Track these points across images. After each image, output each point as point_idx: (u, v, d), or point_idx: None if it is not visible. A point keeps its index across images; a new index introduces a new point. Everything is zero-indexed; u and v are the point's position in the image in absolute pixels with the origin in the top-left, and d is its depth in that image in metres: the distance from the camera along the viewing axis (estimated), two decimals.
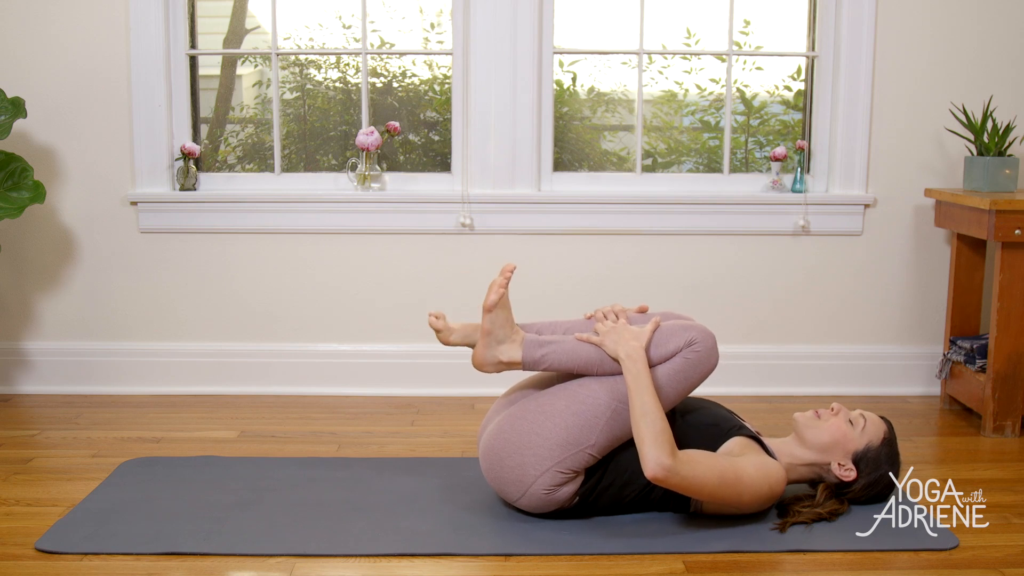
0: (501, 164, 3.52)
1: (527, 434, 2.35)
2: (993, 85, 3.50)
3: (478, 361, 2.46)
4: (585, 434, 2.32)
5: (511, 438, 2.37)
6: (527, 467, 2.34)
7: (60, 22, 3.43)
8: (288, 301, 3.59)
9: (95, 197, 3.53)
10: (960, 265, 3.44)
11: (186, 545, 2.28)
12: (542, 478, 2.33)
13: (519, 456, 2.35)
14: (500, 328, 2.42)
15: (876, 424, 2.48)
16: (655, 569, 2.21)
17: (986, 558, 2.28)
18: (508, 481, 2.38)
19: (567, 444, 2.32)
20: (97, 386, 3.58)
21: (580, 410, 2.34)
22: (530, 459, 2.33)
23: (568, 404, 2.35)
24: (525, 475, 2.34)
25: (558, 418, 2.34)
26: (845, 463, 2.44)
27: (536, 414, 2.37)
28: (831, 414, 2.47)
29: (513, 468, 2.36)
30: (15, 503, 2.55)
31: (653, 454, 2.22)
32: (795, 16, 3.64)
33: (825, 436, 2.44)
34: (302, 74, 3.74)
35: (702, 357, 2.37)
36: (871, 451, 2.44)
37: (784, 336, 3.63)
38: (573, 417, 2.33)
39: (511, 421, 2.40)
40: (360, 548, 2.29)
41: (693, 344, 2.36)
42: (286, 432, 3.16)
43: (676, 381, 2.36)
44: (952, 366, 3.43)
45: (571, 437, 2.32)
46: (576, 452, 2.32)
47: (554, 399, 2.38)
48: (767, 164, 3.71)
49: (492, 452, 2.41)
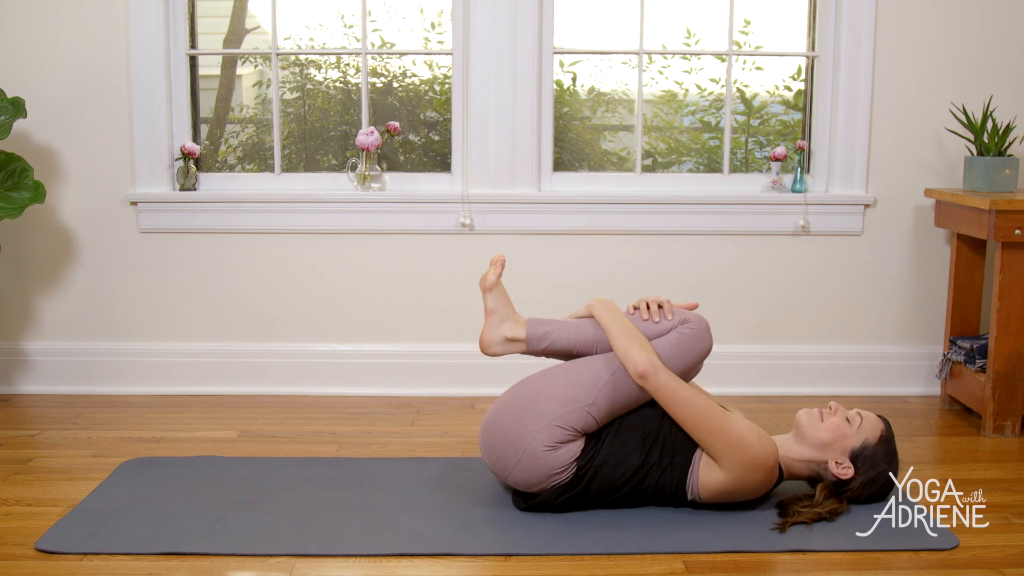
0: (501, 164, 3.52)
1: (528, 395, 2.44)
2: (993, 85, 3.50)
3: (485, 340, 2.58)
4: (585, 393, 2.40)
5: (512, 401, 2.46)
6: (527, 423, 2.39)
7: (60, 22, 3.43)
8: (288, 301, 3.59)
9: (95, 197, 3.53)
10: (960, 265, 3.44)
11: (186, 545, 2.28)
12: (541, 433, 2.38)
13: (520, 414, 2.41)
14: (503, 307, 2.58)
15: (873, 422, 2.49)
16: (655, 569, 2.21)
17: (986, 558, 2.28)
18: (506, 443, 2.41)
19: (567, 401, 2.39)
20: (97, 386, 3.58)
21: (581, 373, 2.44)
22: (531, 415, 2.40)
23: (569, 368, 2.48)
24: (524, 432, 2.39)
25: (559, 379, 2.44)
26: (842, 461, 2.44)
27: (538, 379, 2.49)
28: (830, 413, 2.49)
29: (512, 427, 2.41)
30: (15, 503, 2.55)
31: (641, 353, 2.38)
32: (795, 16, 3.64)
33: (823, 434, 2.45)
34: (302, 74, 3.74)
35: (696, 335, 2.48)
36: (868, 448, 2.44)
37: (784, 336, 3.63)
38: (575, 378, 2.43)
39: (513, 390, 2.51)
40: (360, 548, 2.29)
41: (687, 322, 2.50)
42: (286, 432, 3.16)
43: (671, 355, 2.45)
44: (952, 366, 3.43)
45: (571, 395, 2.40)
46: (576, 409, 2.39)
47: (556, 368, 2.51)
48: (767, 164, 3.71)
49: (492, 418, 2.49)
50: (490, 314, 2.58)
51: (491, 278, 2.58)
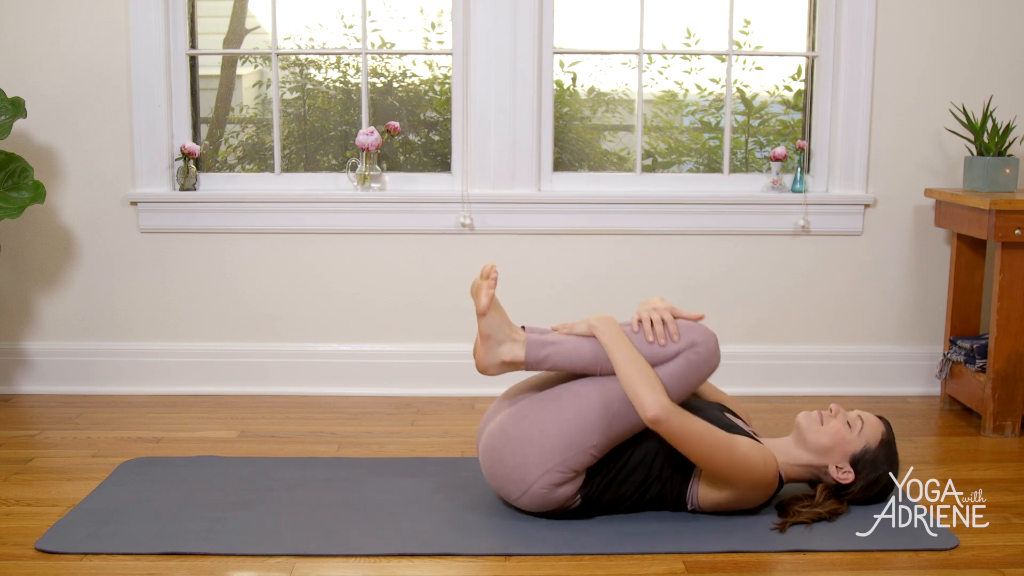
0: (501, 164, 3.52)
1: (529, 433, 2.35)
2: (993, 85, 3.50)
3: (481, 365, 2.44)
4: (588, 435, 2.31)
5: (513, 436, 2.37)
6: (529, 466, 2.34)
7: (60, 22, 3.43)
8: (288, 301, 3.59)
9: (95, 197, 3.53)
10: (960, 265, 3.44)
11: (186, 545, 2.28)
12: (544, 477, 2.33)
13: (521, 455, 2.35)
14: (498, 330, 2.40)
15: (874, 426, 2.48)
16: (655, 569, 2.21)
17: (986, 558, 2.28)
18: (509, 480, 2.38)
19: (569, 445, 2.31)
20: (97, 386, 3.58)
21: (581, 409, 2.33)
22: (532, 458, 2.33)
23: (569, 404, 2.35)
24: (527, 474, 2.34)
25: (560, 418, 2.33)
26: (843, 466, 2.44)
27: (538, 413, 2.37)
28: (830, 416, 2.47)
29: (515, 467, 2.35)
30: (15, 503, 2.55)
31: (650, 396, 2.26)
32: (795, 16, 3.64)
33: (824, 438, 2.44)
34: (302, 74, 3.74)
35: (704, 359, 2.36)
36: (868, 453, 2.44)
37: (784, 336, 3.63)
38: (576, 417, 2.32)
39: (513, 420, 2.40)
40: (360, 548, 2.29)
41: (695, 345, 2.36)
42: (286, 432, 3.16)
43: (677, 383, 2.35)
44: (952, 366, 3.43)
45: (574, 437, 2.31)
46: (578, 452, 2.32)
47: (555, 399, 2.38)
48: (767, 164, 3.71)
49: (493, 451, 2.41)
50: (485, 339, 2.41)
51: (483, 302, 2.37)
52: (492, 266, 2.41)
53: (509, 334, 2.41)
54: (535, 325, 2.54)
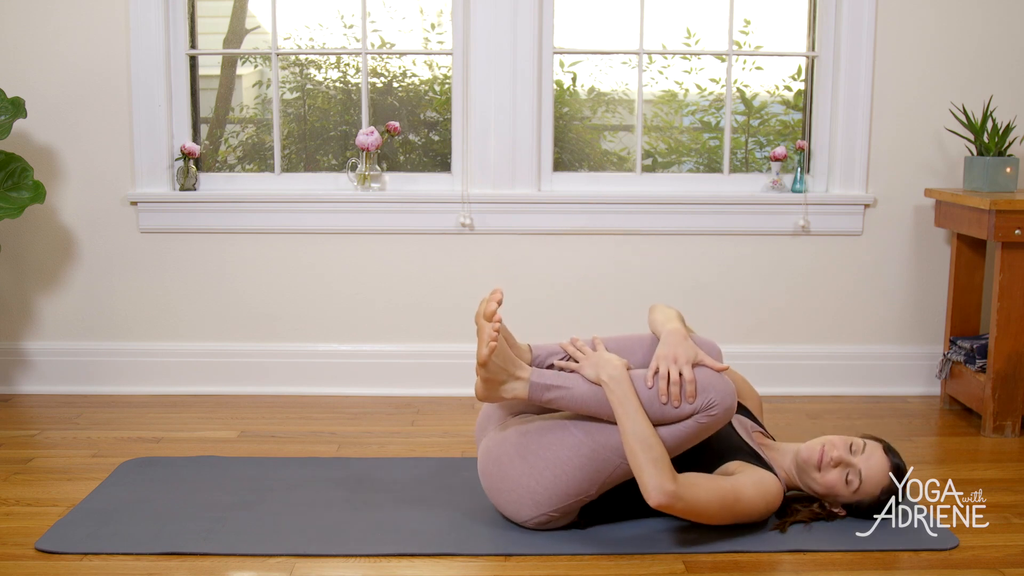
0: (501, 164, 3.52)
1: (525, 477, 2.29)
2: (993, 85, 3.50)
3: (481, 399, 2.33)
4: (584, 487, 2.27)
5: (509, 475, 2.32)
6: (523, 508, 2.32)
7: (60, 22, 3.43)
8: (288, 301, 3.59)
9: (95, 197, 3.53)
10: (960, 265, 3.44)
11: (186, 545, 2.28)
12: (539, 517, 2.32)
13: (516, 495, 2.32)
14: (499, 372, 2.27)
15: (874, 483, 2.37)
16: (655, 569, 2.21)
17: (986, 558, 2.28)
18: (506, 511, 2.38)
19: (565, 496, 2.27)
20: (97, 386, 3.58)
21: (580, 463, 2.25)
22: (527, 502, 2.31)
23: (568, 454, 2.26)
24: (522, 512, 2.33)
25: (557, 468, 2.26)
26: (835, 505, 2.43)
27: (534, 457, 2.28)
28: (830, 465, 2.36)
29: (511, 503, 2.34)
30: (15, 503, 2.55)
31: (655, 481, 2.14)
32: (795, 16, 3.64)
33: (817, 487, 2.40)
34: (302, 74, 3.74)
35: (716, 421, 2.23)
36: (862, 505, 2.40)
37: (784, 336, 3.63)
38: (573, 470, 2.25)
39: (508, 453, 2.33)
40: (360, 548, 2.29)
41: (710, 408, 2.21)
42: (286, 432, 3.16)
43: (684, 442, 2.24)
44: (952, 366, 3.43)
45: (570, 490, 2.26)
46: (574, 501, 2.29)
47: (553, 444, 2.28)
48: (767, 164, 3.71)
49: (489, 479, 2.39)
50: (485, 382, 2.28)
51: (483, 353, 2.20)
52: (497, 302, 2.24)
53: (512, 372, 2.28)
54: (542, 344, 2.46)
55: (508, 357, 2.28)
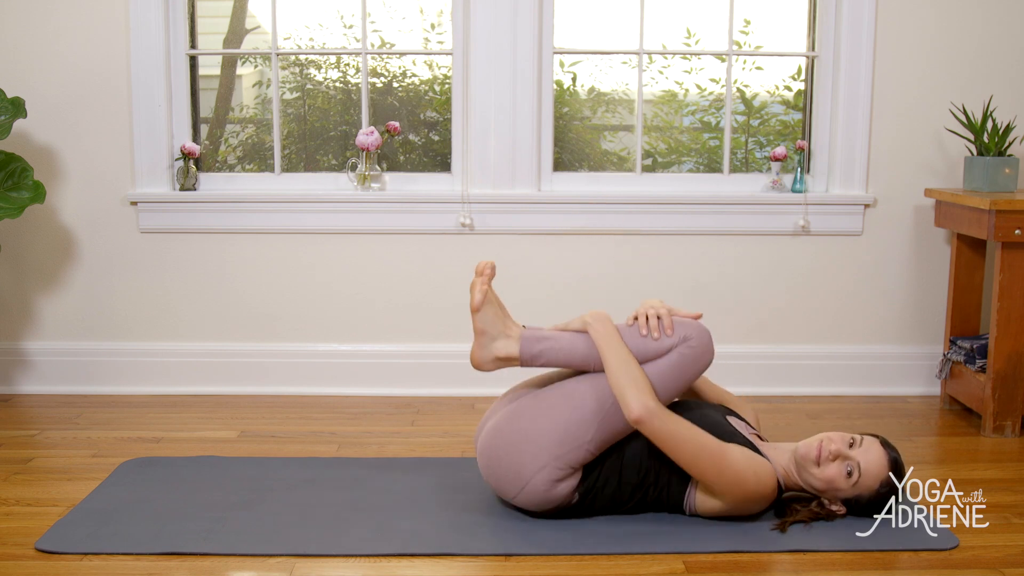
0: (501, 164, 3.52)
1: (524, 430, 2.35)
2: (993, 85, 3.50)
3: (476, 360, 2.45)
4: (582, 430, 2.32)
5: (509, 436, 2.37)
6: (525, 464, 2.34)
7: (60, 22, 3.43)
8: (288, 301, 3.59)
9: (95, 197, 3.53)
10: (960, 265, 3.44)
11: (186, 545, 2.28)
12: (540, 473, 2.33)
13: (517, 454, 2.35)
14: (492, 326, 2.41)
15: (873, 476, 2.37)
16: (655, 569, 2.21)
17: (986, 558, 2.28)
18: (506, 478, 2.38)
19: (564, 441, 2.32)
20: (97, 386, 3.58)
21: (576, 405, 2.34)
22: (528, 456, 2.33)
23: (564, 401, 2.36)
24: (523, 470, 2.34)
25: (555, 414, 2.34)
26: (834, 502, 2.43)
27: (533, 411, 2.37)
28: (829, 459, 2.37)
29: (511, 464, 2.36)
30: (15, 503, 2.55)
31: (636, 396, 2.27)
32: (795, 16, 3.64)
33: (816, 483, 2.40)
34: (302, 74, 3.74)
35: (697, 353, 2.37)
36: (861, 500, 2.40)
37: (784, 336, 3.63)
38: (570, 413, 2.33)
39: (508, 419, 2.40)
40: (360, 548, 2.29)
41: (688, 340, 2.37)
42: (286, 432, 3.16)
43: (670, 378, 2.36)
44: (952, 366, 3.43)
45: (568, 434, 2.32)
46: (573, 448, 2.32)
47: (550, 397, 2.39)
48: (767, 164, 3.71)
49: (490, 449, 2.41)
50: (479, 335, 2.42)
51: (476, 298, 2.39)
52: (487, 262, 2.42)
53: (503, 330, 2.42)
54: (535, 325, 2.54)
55: (500, 315, 2.43)
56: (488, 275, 2.41)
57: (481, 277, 2.41)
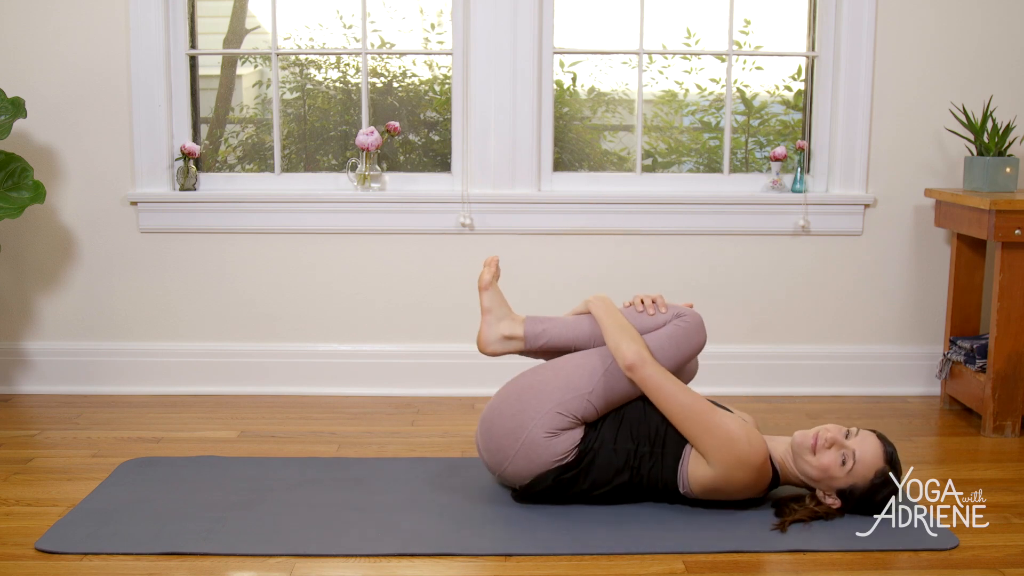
0: (501, 164, 3.52)
1: (527, 384, 2.47)
2: (993, 85, 3.50)
3: (483, 339, 2.61)
4: (585, 382, 2.42)
5: (511, 392, 2.49)
6: (528, 410, 2.41)
7: (60, 22, 3.43)
8: (288, 301, 3.59)
9: (95, 197, 3.53)
10: (960, 265, 3.44)
11: (186, 545, 2.28)
12: (543, 419, 2.39)
13: (520, 403, 2.43)
14: (499, 307, 2.61)
15: (868, 465, 2.37)
16: (655, 569, 2.21)
17: (986, 558, 2.28)
18: (506, 432, 2.42)
19: (567, 388, 2.42)
20: (97, 386, 3.58)
21: (579, 363, 2.47)
22: (531, 402, 2.41)
23: (567, 360, 2.50)
24: (525, 419, 2.40)
25: (558, 368, 2.47)
26: (830, 494, 2.43)
27: (535, 370, 2.52)
28: (824, 447, 2.38)
29: (513, 415, 2.42)
30: (15, 503, 2.55)
31: (630, 345, 2.41)
32: (795, 16, 3.64)
33: (812, 471, 2.40)
34: (302, 74, 3.74)
35: (691, 328, 2.51)
36: (856, 491, 2.39)
37: (784, 336, 3.63)
38: (573, 368, 2.46)
39: (511, 384, 2.53)
40: (360, 548, 2.29)
41: (682, 316, 2.53)
42: (286, 432, 3.16)
43: (668, 345, 2.48)
44: (952, 366, 3.43)
45: (571, 383, 2.42)
46: (576, 396, 2.40)
47: (555, 362, 2.53)
48: (767, 164, 3.71)
49: (491, 410, 2.50)
50: (486, 312, 2.61)
51: (486, 277, 2.62)
52: (494, 256, 2.67)
53: (508, 313, 2.63)
54: None
55: (505, 302, 2.64)
56: (497, 262, 2.66)
57: (489, 266, 2.66)
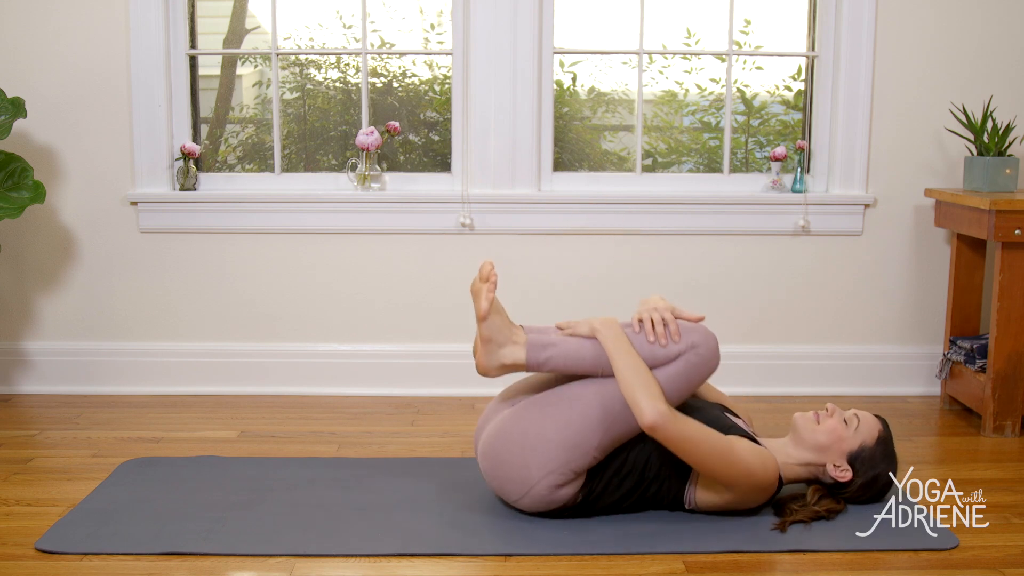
0: (501, 164, 3.52)
1: (529, 436, 2.34)
2: (993, 85, 3.50)
3: (482, 368, 2.42)
4: (588, 437, 2.31)
5: (513, 438, 2.36)
6: (531, 468, 2.33)
7: (60, 22, 3.43)
8: (288, 301, 3.59)
9: (95, 197, 3.53)
10: (960, 265, 3.44)
11: (186, 545, 2.28)
12: (546, 479, 2.33)
13: (521, 457, 2.34)
14: (499, 333, 2.38)
15: (870, 423, 2.48)
16: (655, 569, 2.21)
17: (986, 558, 2.28)
18: (510, 481, 2.37)
19: (570, 447, 2.31)
20: (97, 386, 3.58)
21: (582, 412, 2.33)
22: (533, 460, 2.33)
23: (569, 407, 2.34)
24: (529, 476, 2.34)
25: (560, 420, 2.32)
26: (840, 464, 2.44)
27: (537, 416, 2.36)
28: (827, 415, 2.47)
29: (516, 468, 2.35)
30: (15, 503, 2.55)
31: (648, 402, 2.27)
32: (795, 16, 3.64)
33: (820, 437, 2.44)
34: (302, 74, 3.74)
35: (704, 360, 2.37)
36: (865, 450, 2.44)
37: (784, 336, 3.63)
38: (576, 420, 2.32)
39: (512, 422, 2.39)
40: (360, 548, 2.29)
41: (696, 347, 2.36)
42: (286, 432, 3.16)
43: (677, 385, 2.36)
44: (952, 366, 3.43)
45: (575, 440, 2.31)
46: (579, 455, 2.31)
47: (555, 402, 2.37)
48: (767, 164, 3.71)
49: (493, 452, 2.40)
50: (485, 343, 2.38)
51: (483, 306, 2.33)
52: (491, 268, 2.36)
53: (510, 336, 2.39)
54: (535, 325, 2.53)
55: (506, 321, 2.40)
56: (494, 281, 2.35)
57: (487, 284, 2.35)
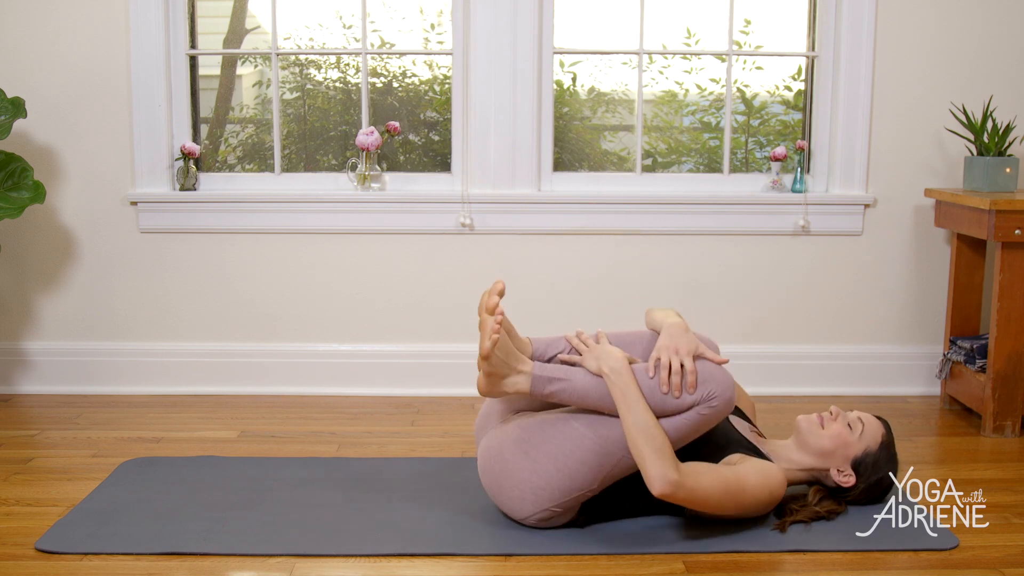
0: (501, 164, 3.52)
1: (526, 471, 2.30)
2: (993, 85, 3.50)
3: (484, 393, 2.32)
4: (586, 481, 2.27)
5: (511, 469, 2.32)
6: (526, 502, 2.32)
7: (60, 22, 3.43)
8: (288, 301, 3.59)
9: (95, 197, 3.53)
10: (960, 265, 3.44)
11: (186, 545, 2.28)
12: (541, 512, 2.32)
13: (518, 491, 2.32)
14: (502, 367, 2.27)
15: (874, 428, 2.47)
16: (655, 569, 2.21)
17: (986, 558, 2.28)
18: (508, 507, 2.37)
19: (567, 490, 2.28)
20: (97, 386, 3.58)
21: (581, 456, 2.26)
22: (529, 497, 2.31)
23: (569, 447, 2.27)
24: (524, 507, 2.33)
25: (559, 461, 2.27)
26: (844, 469, 2.44)
27: (536, 451, 2.30)
28: (831, 419, 2.46)
29: (513, 499, 2.34)
30: (15, 503, 2.55)
31: (658, 470, 2.16)
32: (795, 16, 3.64)
33: (825, 442, 2.43)
34: (302, 74, 3.74)
35: (717, 412, 2.26)
36: (869, 456, 2.44)
37: (784, 336, 3.63)
38: (574, 464, 2.26)
39: (510, 448, 2.34)
40: (360, 548, 2.29)
41: (711, 399, 2.24)
42: (286, 432, 3.16)
43: (683, 434, 2.26)
44: (952, 366, 3.43)
45: (572, 484, 2.27)
46: (575, 496, 2.30)
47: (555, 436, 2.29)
48: (767, 164, 3.71)
49: (491, 475, 2.38)
50: (489, 375, 2.27)
51: (486, 345, 2.19)
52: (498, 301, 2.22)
53: (514, 367, 2.28)
54: (543, 337, 2.46)
55: (510, 351, 2.28)
56: (501, 315, 2.21)
57: (493, 317, 2.20)
